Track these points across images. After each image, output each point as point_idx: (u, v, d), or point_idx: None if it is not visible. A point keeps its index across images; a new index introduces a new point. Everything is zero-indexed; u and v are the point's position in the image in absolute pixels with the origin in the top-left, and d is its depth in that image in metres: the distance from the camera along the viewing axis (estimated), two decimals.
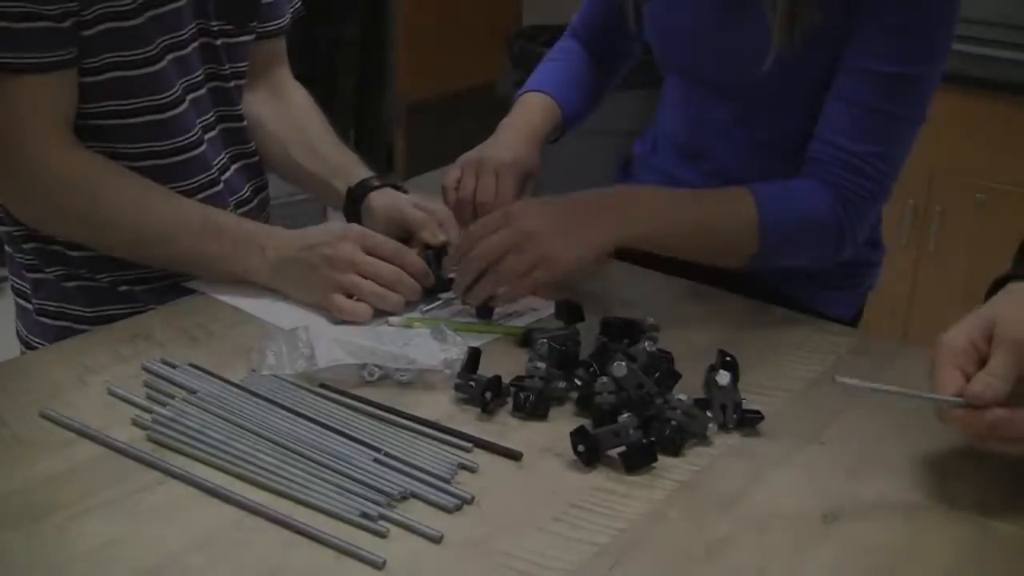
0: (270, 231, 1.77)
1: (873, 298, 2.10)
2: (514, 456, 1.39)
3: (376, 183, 1.95)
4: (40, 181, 1.69)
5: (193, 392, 1.48)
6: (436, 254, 1.82)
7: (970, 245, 3.66)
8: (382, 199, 1.93)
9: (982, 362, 1.33)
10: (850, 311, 2.02)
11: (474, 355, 1.53)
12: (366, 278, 1.70)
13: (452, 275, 1.77)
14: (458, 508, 1.29)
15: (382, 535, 1.23)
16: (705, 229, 1.75)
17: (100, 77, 1.72)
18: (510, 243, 1.66)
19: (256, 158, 2.02)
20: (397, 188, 1.96)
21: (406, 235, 1.86)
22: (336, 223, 1.81)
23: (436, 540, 1.23)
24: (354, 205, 1.95)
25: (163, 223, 1.75)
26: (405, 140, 6.07)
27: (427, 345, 1.57)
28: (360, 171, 2.00)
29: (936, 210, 3.68)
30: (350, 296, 1.70)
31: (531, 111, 2.02)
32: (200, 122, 1.87)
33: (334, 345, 1.54)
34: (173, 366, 1.54)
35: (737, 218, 1.74)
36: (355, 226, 1.78)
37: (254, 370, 1.54)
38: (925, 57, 1.73)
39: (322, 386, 1.51)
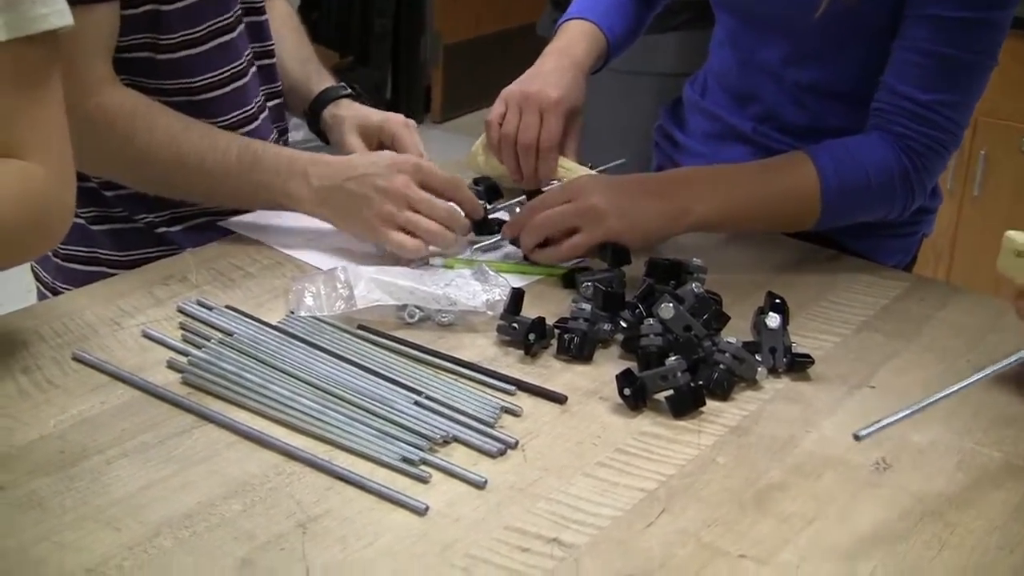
0: (312, 157, 1.73)
1: None
2: (559, 400, 1.37)
3: (337, 93, 1.96)
4: (78, 114, 1.65)
5: (230, 334, 1.46)
6: (486, 191, 1.80)
7: (1014, 190, 3.64)
8: (348, 110, 1.93)
9: None
10: (905, 259, 1.99)
11: (517, 296, 1.50)
12: (417, 212, 1.67)
13: (494, 215, 1.77)
14: (502, 453, 1.27)
15: (424, 480, 1.21)
16: (768, 204, 1.73)
17: (138, 10, 1.68)
18: (575, 219, 1.65)
19: (281, 99, 1.99)
20: (355, 98, 1.97)
21: (380, 143, 1.91)
22: (385, 152, 1.77)
23: (479, 486, 1.21)
24: (315, 116, 1.96)
25: (200, 155, 1.71)
26: (443, 82, 6.06)
27: (469, 286, 1.54)
28: (321, 82, 2.00)
29: (980, 155, 3.66)
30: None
31: (575, 39, 1.97)
32: (245, 56, 1.84)
33: (373, 286, 1.52)
34: (209, 308, 1.52)
35: (799, 187, 1.71)
36: (408, 156, 1.75)
37: (292, 312, 1.52)
38: (993, 1, 1.67)
39: (361, 328, 1.49)
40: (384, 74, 5.93)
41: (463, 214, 1.72)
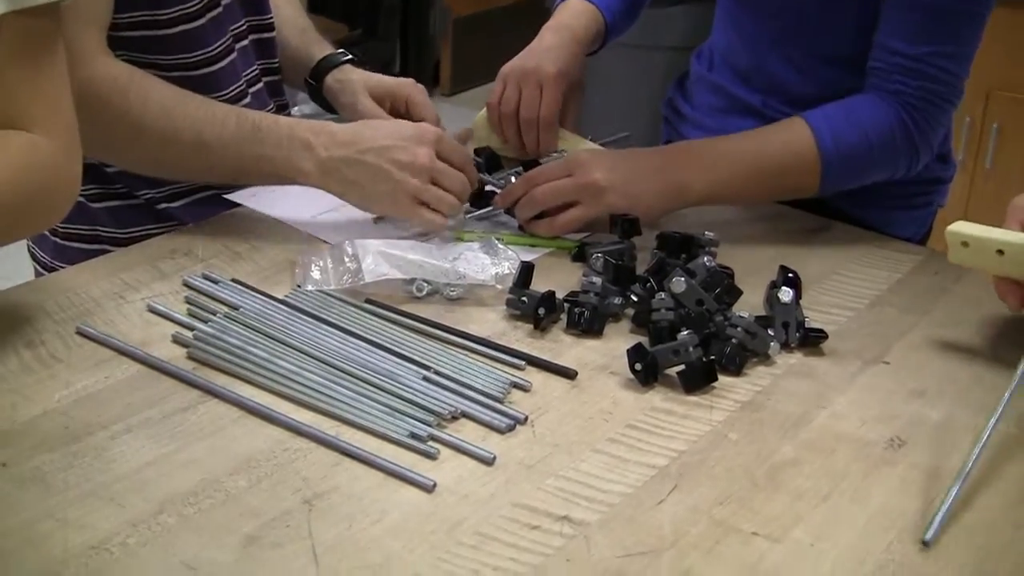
0: (315, 127, 1.67)
1: None
2: (569, 375, 1.36)
3: (339, 60, 1.96)
4: (72, 88, 1.63)
5: (236, 308, 1.45)
6: (486, 161, 1.79)
7: None
8: (354, 73, 1.93)
9: None
10: (919, 231, 1.98)
11: (526, 269, 1.49)
12: (437, 185, 1.64)
13: (489, 187, 1.77)
14: (511, 429, 1.25)
15: (432, 456, 1.20)
16: (768, 174, 1.72)
17: None
18: (575, 193, 1.65)
19: (279, 76, 1.97)
20: (357, 64, 1.97)
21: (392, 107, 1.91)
22: (402, 122, 1.74)
23: (488, 462, 1.19)
24: (317, 84, 1.95)
25: (197, 128, 1.65)
26: (451, 55, 6.05)
27: (477, 259, 1.53)
28: (322, 51, 1.99)
29: (993, 128, 3.64)
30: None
31: (573, 17, 1.96)
32: (233, 30, 1.81)
33: (381, 259, 1.51)
34: (215, 281, 1.51)
35: (797, 153, 1.70)
36: (426, 126, 1.70)
37: (299, 285, 1.51)
38: None
39: (368, 302, 1.48)
40: (393, 47, 5.91)
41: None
